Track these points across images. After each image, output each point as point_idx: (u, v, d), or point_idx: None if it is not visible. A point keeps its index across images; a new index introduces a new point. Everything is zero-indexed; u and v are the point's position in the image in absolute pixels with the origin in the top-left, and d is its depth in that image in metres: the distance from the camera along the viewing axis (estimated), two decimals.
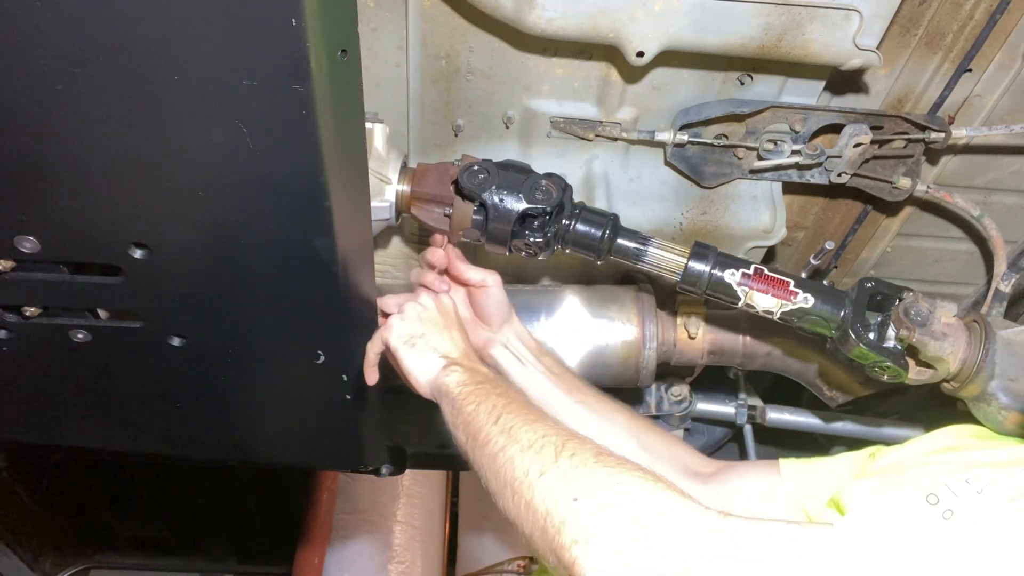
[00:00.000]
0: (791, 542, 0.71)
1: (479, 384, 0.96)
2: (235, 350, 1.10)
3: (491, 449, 0.86)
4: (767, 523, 0.73)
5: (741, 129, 1.29)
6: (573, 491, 0.76)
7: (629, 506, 0.74)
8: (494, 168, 1.13)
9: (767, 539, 0.71)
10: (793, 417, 1.66)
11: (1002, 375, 1.07)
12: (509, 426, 0.87)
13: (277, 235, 0.94)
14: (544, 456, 0.81)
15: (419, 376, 1.01)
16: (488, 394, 0.93)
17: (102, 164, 0.85)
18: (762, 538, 0.71)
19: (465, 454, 0.92)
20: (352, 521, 2.89)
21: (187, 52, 0.76)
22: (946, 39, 1.22)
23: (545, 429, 0.85)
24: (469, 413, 0.91)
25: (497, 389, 0.94)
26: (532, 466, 0.80)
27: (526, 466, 0.81)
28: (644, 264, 1.16)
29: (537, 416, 0.89)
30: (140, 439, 1.32)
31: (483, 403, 0.92)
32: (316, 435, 1.31)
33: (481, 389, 0.94)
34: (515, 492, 0.80)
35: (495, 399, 0.92)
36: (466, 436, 0.91)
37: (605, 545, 0.71)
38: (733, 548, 0.70)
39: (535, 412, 0.90)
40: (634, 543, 0.71)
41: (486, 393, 0.93)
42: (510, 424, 0.87)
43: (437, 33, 1.19)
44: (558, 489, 0.77)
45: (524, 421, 0.87)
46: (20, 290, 0.99)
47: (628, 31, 1.08)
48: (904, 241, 1.54)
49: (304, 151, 0.84)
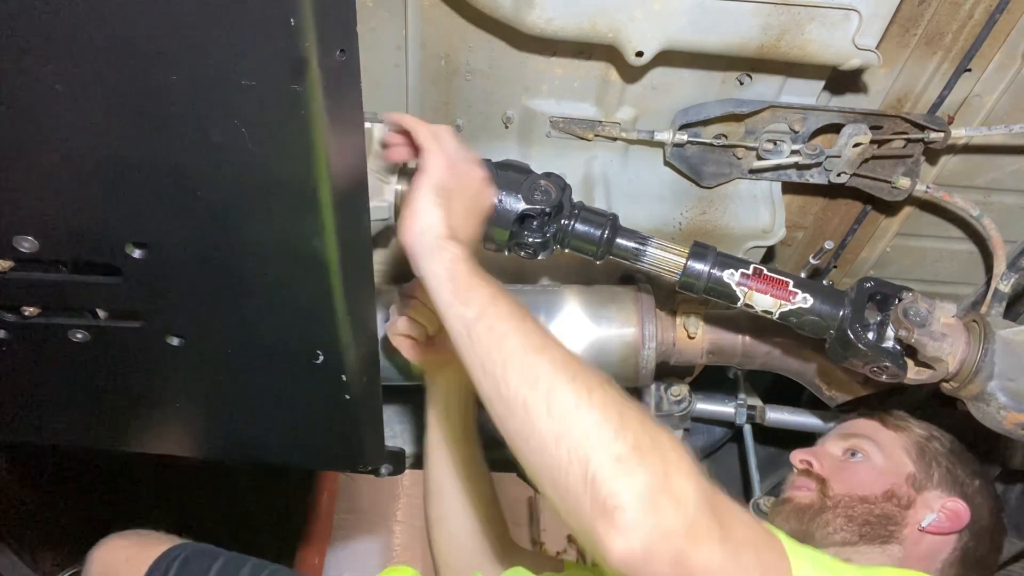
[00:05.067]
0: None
1: (488, 276, 0.90)
2: (234, 350, 1.10)
3: (519, 342, 0.82)
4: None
5: (740, 129, 1.29)
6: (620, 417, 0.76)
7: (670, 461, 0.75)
8: (493, 168, 1.13)
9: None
10: (793, 417, 1.66)
11: (1001, 375, 1.07)
12: (540, 332, 0.84)
13: (276, 235, 0.94)
14: (586, 373, 0.80)
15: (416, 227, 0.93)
16: (504, 292, 0.88)
17: (101, 164, 0.85)
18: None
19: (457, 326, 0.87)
20: (352, 521, 2.89)
21: (185, 52, 0.76)
22: (945, 39, 1.22)
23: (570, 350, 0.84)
24: (487, 298, 0.86)
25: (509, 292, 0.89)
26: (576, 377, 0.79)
27: (569, 375, 0.79)
28: (643, 264, 1.16)
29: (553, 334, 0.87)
30: (140, 439, 1.32)
31: (502, 296, 0.87)
32: (316, 435, 1.31)
33: (493, 282, 0.89)
34: (553, 389, 0.78)
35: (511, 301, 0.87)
36: (474, 315, 0.85)
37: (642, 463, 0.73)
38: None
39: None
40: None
41: (501, 289, 0.88)
42: (540, 330, 0.84)
43: (436, 33, 1.18)
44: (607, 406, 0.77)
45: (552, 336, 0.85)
46: (19, 290, 0.99)
47: (627, 31, 1.08)
48: (904, 241, 1.54)
49: (303, 151, 0.84)
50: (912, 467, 1.22)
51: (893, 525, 1.18)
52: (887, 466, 1.23)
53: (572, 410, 0.77)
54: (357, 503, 2.92)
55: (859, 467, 1.25)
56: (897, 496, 1.19)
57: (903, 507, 1.18)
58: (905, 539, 1.17)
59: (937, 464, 1.22)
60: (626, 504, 0.72)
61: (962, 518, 1.17)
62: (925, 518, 1.17)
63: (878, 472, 1.23)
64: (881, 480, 1.22)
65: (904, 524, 1.18)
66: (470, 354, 0.86)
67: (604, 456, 0.74)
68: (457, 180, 0.96)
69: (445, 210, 0.93)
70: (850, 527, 1.18)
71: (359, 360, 1.12)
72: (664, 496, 0.72)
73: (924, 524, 1.16)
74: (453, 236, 0.93)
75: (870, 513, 1.18)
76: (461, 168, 0.98)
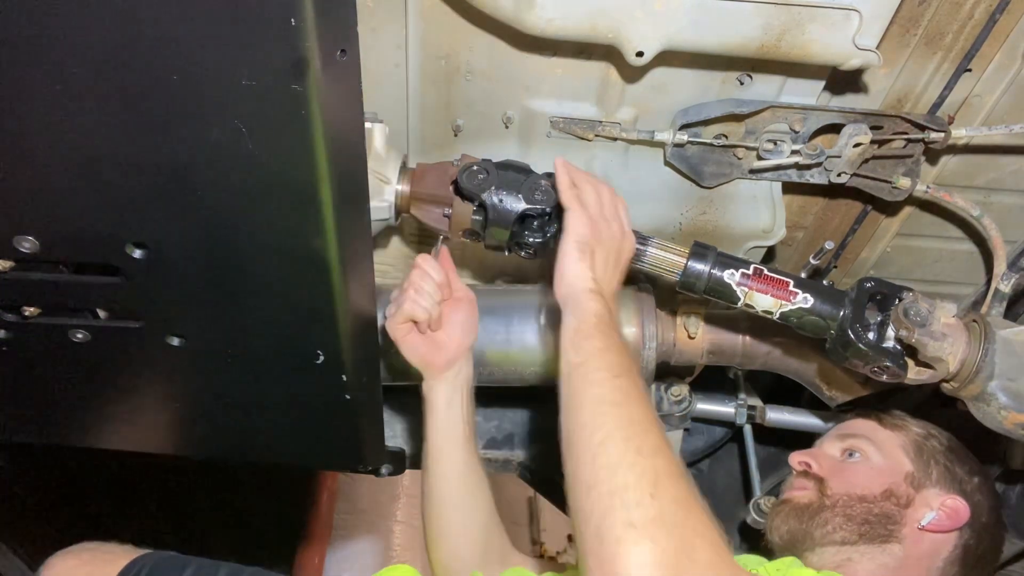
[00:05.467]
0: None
1: (611, 329, 0.96)
2: (234, 350, 1.10)
3: (600, 392, 0.87)
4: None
5: (741, 129, 1.29)
6: (654, 487, 0.76)
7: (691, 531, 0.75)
8: (493, 168, 1.13)
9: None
10: (793, 417, 1.66)
11: (1002, 375, 1.07)
12: (627, 389, 0.88)
13: (276, 235, 0.94)
14: (649, 439, 0.82)
15: (567, 279, 1.01)
16: (616, 347, 0.94)
17: (101, 164, 0.85)
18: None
19: (564, 370, 0.93)
20: (352, 521, 2.90)
21: (186, 52, 0.76)
22: (946, 39, 1.22)
23: (655, 418, 0.87)
24: (595, 349, 0.92)
25: (624, 348, 0.95)
26: (633, 438, 0.81)
27: (628, 434, 0.81)
28: (643, 264, 1.16)
29: (646, 399, 0.91)
30: (140, 439, 1.32)
31: (610, 351, 0.92)
32: (316, 435, 1.31)
33: (611, 336, 0.95)
34: (603, 445, 0.81)
35: (620, 356, 0.93)
36: (579, 362, 0.91)
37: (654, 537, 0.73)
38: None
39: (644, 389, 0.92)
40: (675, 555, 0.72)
41: (614, 344, 0.94)
42: (628, 388, 0.88)
43: (437, 33, 1.18)
44: (647, 474, 0.77)
45: (640, 397, 0.88)
46: (19, 290, 0.99)
47: (628, 31, 1.08)
48: (904, 241, 1.54)
49: (303, 151, 0.84)
50: (910, 466, 1.22)
51: (893, 524, 1.18)
52: (885, 465, 1.23)
53: (611, 466, 0.78)
54: (357, 503, 2.93)
55: (857, 467, 1.25)
56: (896, 495, 1.19)
57: (902, 506, 1.19)
58: (905, 538, 1.17)
59: (935, 462, 1.23)
60: (625, 572, 0.71)
61: (961, 516, 1.17)
62: (924, 516, 1.17)
63: (876, 471, 1.23)
64: (879, 479, 1.22)
65: (903, 523, 1.18)
66: (563, 395, 0.91)
67: (620, 518, 0.74)
68: (597, 236, 1.03)
69: (589, 264, 1.01)
70: (849, 526, 1.18)
71: (359, 360, 1.12)
72: (668, 574, 0.71)
73: (924, 523, 1.16)
74: (597, 288, 0.99)
75: (869, 512, 1.18)
76: (601, 225, 1.04)
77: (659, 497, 0.75)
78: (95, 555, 1.24)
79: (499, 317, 1.39)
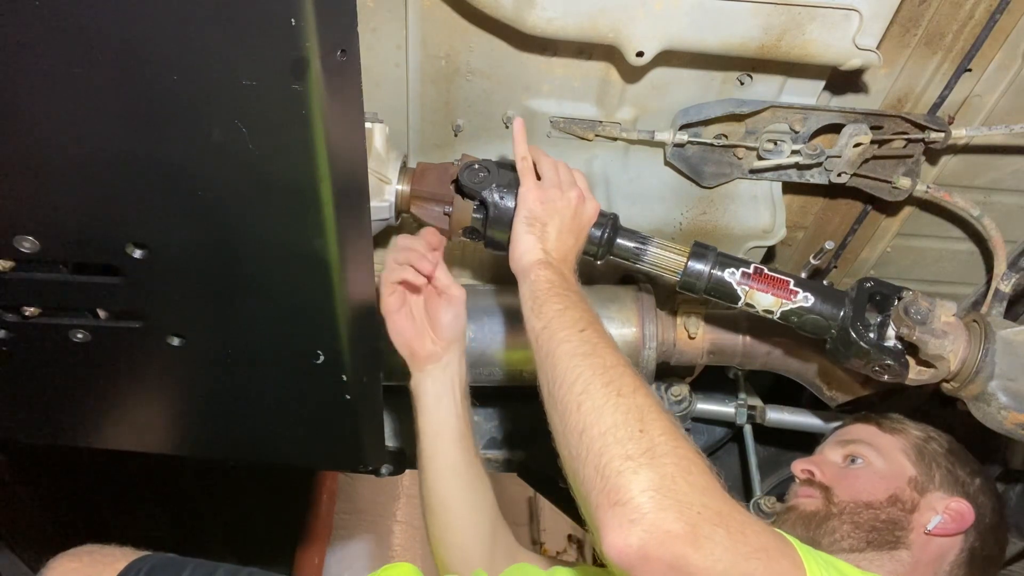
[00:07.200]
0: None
1: (566, 291, 1.00)
2: (234, 350, 1.10)
3: (570, 347, 0.92)
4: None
5: (741, 129, 1.29)
6: (641, 422, 0.82)
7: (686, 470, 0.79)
8: (494, 167, 1.13)
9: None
10: (793, 417, 1.66)
11: (1002, 375, 1.07)
12: (594, 341, 0.92)
13: (276, 235, 0.94)
14: (626, 380, 0.87)
15: (516, 254, 1.06)
16: (575, 304, 0.98)
17: (101, 164, 0.85)
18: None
19: (531, 337, 0.98)
20: (352, 521, 2.90)
21: (186, 52, 0.76)
22: (946, 39, 1.22)
23: (627, 361, 0.91)
24: (555, 311, 0.97)
25: (583, 304, 0.99)
26: (612, 382, 0.86)
27: (605, 379, 0.86)
28: (644, 264, 1.16)
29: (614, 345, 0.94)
30: (140, 439, 1.32)
31: (570, 309, 0.97)
32: (316, 435, 1.31)
33: (568, 296, 0.99)
34: (585, 393, 0.86)
35: (581, 311, 0.97)
36: (542, 326, 0.96)
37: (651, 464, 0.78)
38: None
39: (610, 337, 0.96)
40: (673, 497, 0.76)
41: (572, 303, 0.98)
42: (595, 339, 0.93)
43: (437, 33, 1.18)
44: (632, 411, 0.83)
45: (608, 343, 0.93)
46: (19, 290, 0.99)
47: (628, 31, 1.08)
48: (904, 241, 1.54)
49: (303, 151, 0.84)
50: (913, 470, 1.22)
51: (900, 530, 1.16)
52: (888, 470, 1.23)
53: (597, 408, 0.84)
54: (357, 503, 2.93)
55: (860, 473, 1.24)
56: (901, 500, 1.18)
57: (907, 511, 1.18)
58: (912, 544, 1.16)
59: (937, 465, 1.22)
60: (629, 500, 0.75)
61: (966, 518, 1.16)
62: (930, 521, 1.16)
63: (880, 477, 1.22)
64: (883, 484, 1.21)
65: (910, 528, 1.16)
66: (536, 361, 0.96)
67: (616, 452, 0.79)
68: (550, 206, 1.07)
69: (538, 236, 1.05)
70: (857, 534, 1.17)
71: (359, 360, 1.12)
72: (668, 499, 0.75)
73: (930, 527, 1.15)
74: (546, 259, 1.04)
75: (876, 519, 1.17)
76: (551, 195, 1.08)
77: (648, 431, 0.81)
78: (95, 557, 1.24)
79: (499, 317, 1.39)
